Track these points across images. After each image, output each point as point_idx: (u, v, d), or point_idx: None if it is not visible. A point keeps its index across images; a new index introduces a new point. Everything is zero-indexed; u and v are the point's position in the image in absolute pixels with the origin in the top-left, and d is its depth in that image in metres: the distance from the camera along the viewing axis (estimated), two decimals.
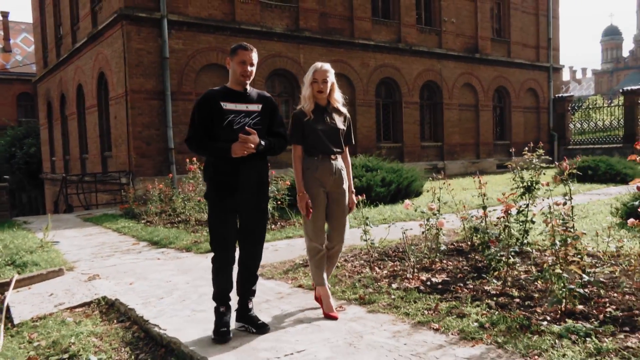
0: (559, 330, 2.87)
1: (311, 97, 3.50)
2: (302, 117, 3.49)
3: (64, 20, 17.58)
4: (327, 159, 3.50)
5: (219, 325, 3.16)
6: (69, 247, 7.03)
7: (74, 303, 4.25)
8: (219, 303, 3.26)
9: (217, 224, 3.24)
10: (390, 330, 3.14)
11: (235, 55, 3.21)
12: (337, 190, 3.56)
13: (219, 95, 3.23)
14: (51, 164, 21.32)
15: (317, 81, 3.47)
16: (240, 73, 3.19)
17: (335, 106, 3.59)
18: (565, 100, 23.21)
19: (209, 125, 3.19)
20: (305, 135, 3.48)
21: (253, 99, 3.31)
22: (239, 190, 3.20)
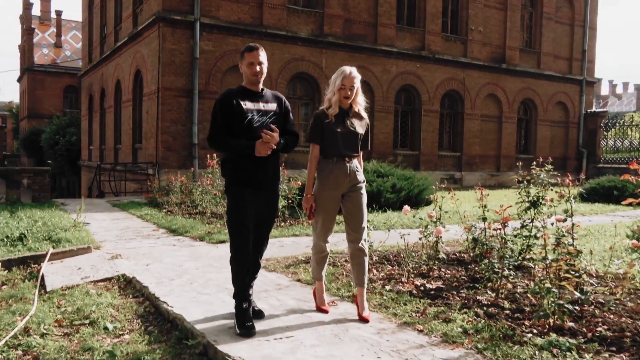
0: (542, 343, 3.00)
1: (337, 102, 3.57)
2: (323, 118, 3.58)
3: (109, 21, 18.68)
4: (342, 162, 3.57)
5: (245, 320, 3.30)
6: (98, 228, 7.80)
7: (98, 277, 4.92)
8: (242, 300, 3.39)
9: (237, 217, 3.39)
10: (377, 327, 3.40)
11: (243, 58, 3.38)
12: (353, 190, 3.62)
13: (239, 94, 3.37)
14: (88, 152, 22.57)
15: (345, 88, 3.54)
16: (251, 73, 3.35)
17: (357, 110, 3.67)
18: (597, 116, 22.44)
19: (230, 124, 3.32)
20: (324, 136, 3.57)
21: (269, 98, 3.48)
22: (258, 185, 3.37)
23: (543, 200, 4.87)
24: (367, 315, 3.57)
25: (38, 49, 36.22)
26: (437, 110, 18.18)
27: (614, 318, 3.49)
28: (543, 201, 4.86)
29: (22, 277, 5.04)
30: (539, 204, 4.84)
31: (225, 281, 4.66)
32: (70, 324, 3.76)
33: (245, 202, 3.38)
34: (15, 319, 3.82)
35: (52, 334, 3.58)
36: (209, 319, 3.57)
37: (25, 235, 6.52)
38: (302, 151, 15.38)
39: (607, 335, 3.19)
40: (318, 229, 3.66)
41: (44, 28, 38.04)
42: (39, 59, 35.71)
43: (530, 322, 3.41)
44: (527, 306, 3.70)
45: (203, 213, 8.89)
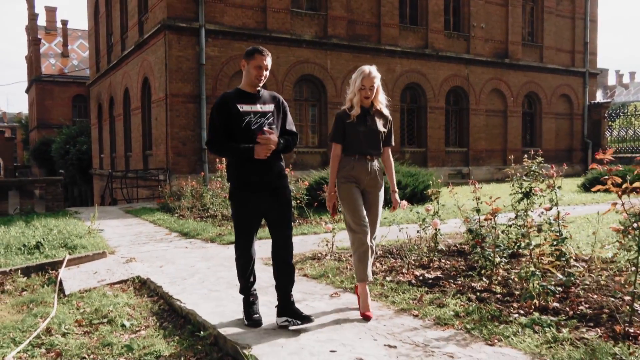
0: (525, 321, 3.23)
1: (358, 103, 3.61)
2: (345, 118, 3.63)
3: (115, 30, 19.02)
4: (364, 159, 3.61)
5: (252, 312, 3.42)
6: (112, 234, 8.03)
7: (114, 280, 5.12)
8: (247, 294, 3.51)
9: (241, 222, 3.43)
10: (375, 314, 3.58)
11: (252, 59, 3.33)
12: (372, 190, 3.67)
13: (235, 97, 3.36)
14: (99, 161, 22.94)
15: (365, 88, 3.58)
16: (256, 76, 3.33)
17: (379, 108, 3.70)
18: (601, 107, 22.64)
19: (228, 128, 3.32)
20: (346, 135, 3.62)
21: (266, 99, 3.46)
22: (262, 188, 3.36)
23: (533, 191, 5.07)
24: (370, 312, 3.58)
25: (45, 59, 36.76)
26: (443, 106, 18.29)
27: (596, 298, 3.67)
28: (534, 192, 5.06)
29: (41, 283, 5.26)
30: (531, 195, 5.05)
31: (234, 279, 4.80)
32: (89, 323, 3.96)
33: (249, 205, 3.39)
34: (37, 321, 4.02)
35: (73, 333, 3.78)
36: (219, 313, 3.76)
37: (41, 243, 6.76)
38: (310, 152, 15.59)
39: (588, 312, 3.40)
40: (351, 222, 3.59)
41: (51, 38, 38.60)
42: (46, 69, 36.23)
43: (518, 304, 3.62)
44: (518, 290, 3.89)
45: (214, 216, 9.10)
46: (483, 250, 4.31)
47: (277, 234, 3.47)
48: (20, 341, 3.58)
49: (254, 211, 3.42)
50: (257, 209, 3.42)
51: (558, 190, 4.54)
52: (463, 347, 2.97)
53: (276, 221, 3.46)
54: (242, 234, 3.47)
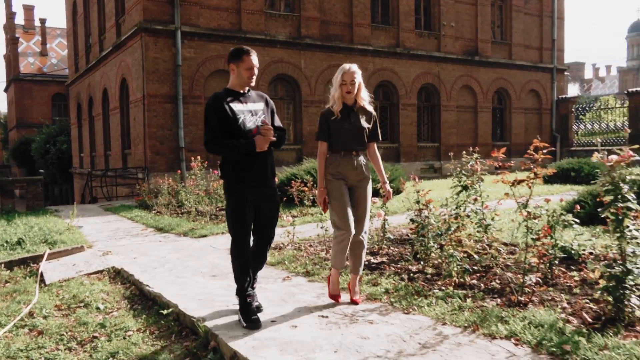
0: (441, 295, 3.80)
1: (340, 98, 3.70)
2: (329, 116, 3.73)
3: (93, 31, 19.29)
4: (349, 155, 3.72)
5: (250, 314, 3.44)
6: (90, 230, 8.50)
7: (91, 271, 5.63)
8: (245, 294, 3.53)
9: (238, 216, 3.47)
10: (318, 292, 4.14)
11: (241, 61, 3.43)
12: (359, 185, 3.79)
13: (227, 97, 3.44)
14: (80, 160, 23.18)
15: (346, 83, 3.67)
16: (249, 77, 3.45)
17: (362, 105, 3.79)
18: (568, 102, 23.36)
19: (225, 126, 3.38)
20: (331, 133, 3.73)
21: (255, 98, 3.58)
22: (258, 183, 3.47)
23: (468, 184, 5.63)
24: (358, 298, 3.85)
25: (24, 58, 36.54)
26: (415, 103, 18.92)
27: (510, 275, 4.24)
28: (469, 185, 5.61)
29: (23, 275, 5.74)
30: (469, 188, 5.59)
31: (201, 267, 5.40)
32: (67, 307, 4.48)
33: (247, 201, 3.45)
34: (21, 307, 4.52)
35: (53, 315, 4.29)
36: (183, 295, 4.29)
37: (23, 239, 7.22)
38: (285, 149, 16.10)
39: (497, 287, 3.99)
40: (337, 219, 3.70)
41: (29, 37, 38.36)
42: (25, 68, 36.03)
43: (442, 282, 4.20)
44: (444, 271, 4.47)
45: (189, 212, 9.59)
46: (419, 236, 4.91)
47: (264, 231, 3.60)
48: (5, 323, 4.08)
49: (249, 206, 3.48)
50: (251, 203, 3.48)
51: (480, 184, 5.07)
52: (383, 316, 3.56)
53: (267, 218, 3.58)
54: (239, 231, 3.49)
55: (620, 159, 3.14)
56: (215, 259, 5.76)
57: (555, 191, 11.35)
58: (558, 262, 4.47)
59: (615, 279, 3.18)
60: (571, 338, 2.90)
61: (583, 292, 3.83)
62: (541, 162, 3.70)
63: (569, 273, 4.32)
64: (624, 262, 3.18)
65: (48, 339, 3.70)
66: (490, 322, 3.25)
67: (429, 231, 4.93)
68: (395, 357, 2.85)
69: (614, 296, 3.18)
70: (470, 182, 5.56)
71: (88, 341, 3.63)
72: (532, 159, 3.59)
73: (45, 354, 3.41)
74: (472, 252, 4.34)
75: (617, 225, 3.17)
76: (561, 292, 3.84)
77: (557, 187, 11.93)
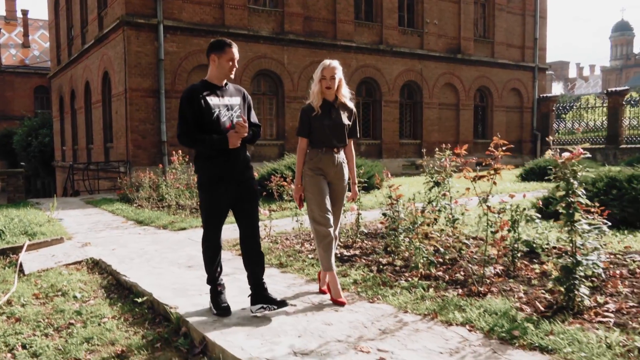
0: (405, 285, 3.99)
1: (319, 93, 3.69)
2: (309, 112, 3.71)
3: (75, 23, 19.15)
4: (330, 152, 3.72)
5: (220, 302, 3.49)
6: (71, 223, 8.54)
7: (69, 261, 5.71)
8: (214, 284, 3.58)
9: (211, 213, 3.46)
10: (289, 283, 4.29)
11: (223, 52, 3.37)
12: (338, 182, 3.80)
13: (203, 90, 3.37)
14: (62, 153, 23.00)
15: (326, 78, 3.66)
16: (229, 69, 3.40)
17: (343, 101, 3.77)
18: (549, 100, 23.77)
19: (199, 120, 3.32)
20: (312, 129, 3.71)
21: (232, 92, 3.51)
22: (232, 179, 3.42)
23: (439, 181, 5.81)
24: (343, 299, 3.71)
25: (5, 50, 36.03)
26: (397, 100, 19.13)
27: (475, 268, 4.44)
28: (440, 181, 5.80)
29: (2, 265, 5.79)
30: (441, 184, 5.77)
31: (178, 258, 5.53)
32: (45, 296, 4.57)
33: (219, 196, 3.43)
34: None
35: (31, 303, 4.38)
36: (158, 285, 4.42)
37: (3, 231, 7.24)
38: (268, 144, 16.21)
39: (460, 278, 4.18)
40: (316, 214, 3.69)
41: (11, 28, 37.82)
42: (6, 59, 35.54)
43: (409, 273, 4.38)
44: (413, 263, 4.65)
45: (169, 206, 9.67)
46: (390, 230, 5.09)
47: (246, 224, 3.53)
48: None
49: (224, 202, 3.46)
50: (226, 199, 3.46)
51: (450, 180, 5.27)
52: (349, 304, 3.73)
53: (245, 211, 3.52)
54: (211, 226, 3.52)
55: (571, 156, 3.34)
56: (193, 251, 5.87)
57: (531, 188, 11.65)
58: (522, 255, 4.70)
59: (566, 270, 3.38)
60: (521, 324, 3.09)
61: (541, 283, 4.03)
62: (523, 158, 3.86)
63: (531, 266, 4.52)
64: (574, 254, 3.39)
65: (25, 325, 3.80)
66: (448, 310, 3.43)
67: (399, 225, 5.13)
68: (355, 342, 3.02)
69: (565, 286, 3.38)
70: (442, 177, 5.76)
71: (64, 327, 3.74)
72: (492, 155, 3.77)
73: (22, 339, 3.51)
74: (439, 246, 4.53)
75: (568, 218, 3.37)
76: (520, 284, 4.04)
77: (532, 185, 12.23)
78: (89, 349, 3.34)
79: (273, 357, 2.84)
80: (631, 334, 2.89)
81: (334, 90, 3.71)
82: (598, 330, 2.95)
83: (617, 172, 6.74)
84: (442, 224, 5.07)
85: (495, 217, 4.00)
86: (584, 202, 3.36)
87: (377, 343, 3.00)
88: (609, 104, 21.63)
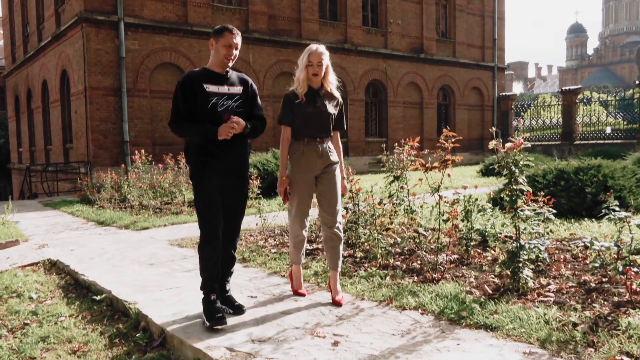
0: (364, 275, 4.13)
1: (305, 80, 3.44)
2: (293, 99, 3.46)
3: (31, 20, 18.54)
4: (313, 142, 3.47)
5: (214, 312, 3.17)
6: (27, 225, 8.32)
7: (25, 263, 5.58)
8: (210, 291, 3.26)
9: (205, 203, 3.23)
10: (250, 276, 4.36)
11: (221, 37, 3.19)
12: (326, 171, 3.53)
13: (201, 77, 3.20)
14: (18, 155, 22.23)
15: (312, 64, 3.40)
16: (225, 56, 3.18)
17: (329, 89, 3.53)
18: (508, 99, 24.64)
19: (192, 108, 3.16)
20: (295, 117, 3.46)
21: (234, 81, 3.30)
22: (225, 171, 3.25)
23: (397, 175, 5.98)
24: (340, 299, 3.55)
25: None
26: (362, 99, 19.37)
27: (430, 257, 4.62)
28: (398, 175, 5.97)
29: None
30: (400, 178, 5.94)
31: (139, 256, 5.50)
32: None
33: (213, 187, 3.23)
34: None
35: None
36: (118, 282, 4.40)
37: None
38: None
39: (417, 267, 4.34)
40: (293, 213, 3.55)
41: None
42: None
43: (368, 264, 4.51)
44: (372, 254, 4.78)
45: (132, 206, 9.54)
46: (349, 223, 5.22)
47: (228, 223, 3.34)
48: None
49: (216, 192, 3.25)
50: (217, 190, 3.25)
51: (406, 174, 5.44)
52: (308, 294, 3.82)
53: (231, 209, 3.32)
54: (207, 216, 3.23)
55: (513, 146, 3.52)
56: (155, 249, 5.85)
57: (490, 183, 12.05)
58: (476, 244, 4.90)
59: (511, 254, 3.57)
60: (469, 306, 3.25)
61: (491, 269, 4.22)
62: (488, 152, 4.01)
63: (483, 253, 4.71)
64: (518, 239, 3.57)
65: None
66: (402, 296, 3.57)
67: (359, 218, 5.25)
68: (313, 328, 3.11)
69: (510, 269, 3.57)
70: (400, 171, 5.93)
71: (19, 328, 3.68)
72: (443, 147, 3.93)
73: None
74: (397, 237, 4.67)
75: (511, 205, 3.55)
76: (472, 270, 4.22)
77: (491, 180, 12.65)
78: (45, 347, 3.32)
79: (231, 345, 2.89)
80: (568, 310, 3.09)
81: (321, 78, 3.46)
82: (538, 308, 3.13)
83: (565, 165, 7.07)
84: (402, 216, 5.22)
85: (447, 207, 4.16)
86: (526, 189, 3.55)
87: (333, 328, 3.10)
88: (564, 103, 22.50)
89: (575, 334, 2.75)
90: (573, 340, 2.69)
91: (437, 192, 4.00)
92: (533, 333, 2.79)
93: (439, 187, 4.01)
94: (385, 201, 5.25)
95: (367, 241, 5.01)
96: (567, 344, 2.66)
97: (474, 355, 2.63)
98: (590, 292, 3.42)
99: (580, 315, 2.99)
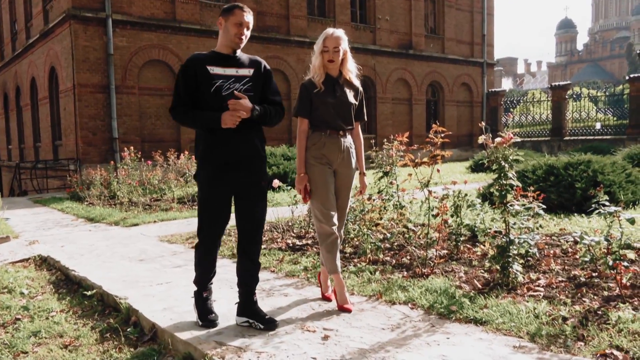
0: (354, 270, 4.13)
1: (321, 67, 3.19)
2: (311, 89, 3.20)
3: (19, 17, 18.33)
4: (336, 135, 3.23)
5: (206, 312, 3.06)
6: (18, 222, 8.27)
7: (16, 259, 5.56)
8: (202, 288, 3.12)
9: (207, 204, 2.99)
10: None
11: (231, 15, 2.93)
12: (345, 171, 3.32)
13: (206, 59, 2.92)
14: (7, 152, 22.01)
15: (328, 49, 3.16)
16: (235, 34, 2.90)
17: (348, 77, 3.29)
18: (497, 95, 24.86)
19: (194, 93, 2.88)
20: (314, 108, 3.20)
21: (244, 62, 2.99)
22: (233, 165, 2.93)
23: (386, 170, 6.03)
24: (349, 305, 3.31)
25: None
26: None
27: (420, 252, 4.66)
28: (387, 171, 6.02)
29: None
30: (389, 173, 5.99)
31: (129, 252, 5.49)
32: None
33: (217, 184, 2.94)
34: None
35: None
36: (108, 278, 4.40)
37: None
38: None
39: (406, 262, 4.38)
40: (319, 212, 3.24)
41: None
42: None
43: (358, 259, 4.55)
44: (362, 249, 4.82)
45: (121, 203, 9.51)
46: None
47: (243, 226, 3.05)
48: None
49: (223, 191, 2.96)
50: (226, 190, 2.96)
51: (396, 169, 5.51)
52: (298, 289, 3.85)
53: (246, 208, 3.01)
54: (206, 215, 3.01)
55: (502, 141, 3.57)
56: (145, 245, 5.85)
57: (479, 179, 12.13)
58: (465, 239, 4.95)
59: (500, 249, 3.62)
60: (458, 300, 3.30)
61: (481, 264, 4.27)
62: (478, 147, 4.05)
63: (473, 248, 4.77)
64: (507, 234, 3.63)
65: None
66: (392, 291, 3.61)
67: (348, 213, 5.29)
68: (303, 322, 3.14)
69: (500, 264, 3.62)
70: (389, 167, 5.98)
71: (10, 323, 3.67)
72: (432, 142, 3.97)
73: None
74: (386, 232, 4.71)
75: (501, 200, 3.60)
76: (462, 265, 4.26)
77: (481, 175, 12.74)
78: (36, 342, 3.32)
79: (222, 339, 2.91)
80: (557, 304, 3.14)
81: (338, 65, 3.21)
82: (528, 302, 3.19)
83: (555, 160, 7.16)
84: (391, 212, 5.26)
85: (436, 202, 4.21)
86: (515, 184, 3.60)
87: (323, 323, 3.13)
88: (553, 98, 22.70)
89: (565, 328, 2.78)
90: (563, 334, 2.73)
91: (427, 187, 4.04)
92: (523, 327, 2.83)
93: (428, 182, 4.05)
94: (375, 197, 5.29)
95: (356, 237, 5.05)
96: (557, 338, 2.69)
97: (464, 349, 2.67)
98: (580, 286, 3.47)
99: (570, 310, 3.03)
